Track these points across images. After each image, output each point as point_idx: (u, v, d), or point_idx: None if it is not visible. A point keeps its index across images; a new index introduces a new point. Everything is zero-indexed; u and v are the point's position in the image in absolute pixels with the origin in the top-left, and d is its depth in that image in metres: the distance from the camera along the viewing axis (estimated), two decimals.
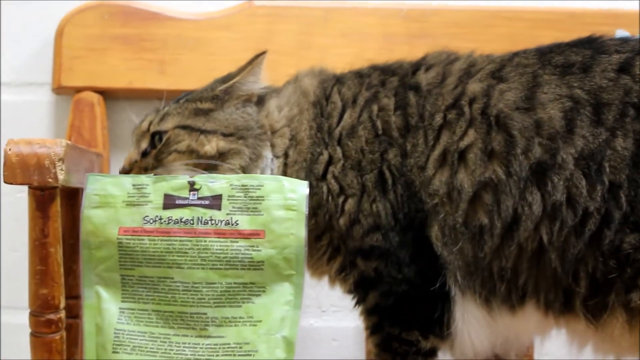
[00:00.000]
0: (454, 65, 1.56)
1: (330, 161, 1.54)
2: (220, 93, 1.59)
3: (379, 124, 1.53)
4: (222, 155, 1.53)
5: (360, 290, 1.55)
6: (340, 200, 1.52)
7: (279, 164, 1.58)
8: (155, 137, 1.55)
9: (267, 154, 1.58)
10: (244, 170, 1.54)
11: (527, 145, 1.42)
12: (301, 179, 1.51)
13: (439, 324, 1.50)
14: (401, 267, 1.49)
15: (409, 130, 1.52)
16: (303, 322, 2.07)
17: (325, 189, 1.53)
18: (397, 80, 1.58)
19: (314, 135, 1.57)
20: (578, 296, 1.43)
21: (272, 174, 1.57)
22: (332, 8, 2.00)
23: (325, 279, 1.64)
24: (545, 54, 1.51)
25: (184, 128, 1.54)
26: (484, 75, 1.51)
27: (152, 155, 1.54)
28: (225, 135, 1.55)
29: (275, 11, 1.99)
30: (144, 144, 1.57)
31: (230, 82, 1.59)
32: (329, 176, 1.53)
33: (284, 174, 1.56)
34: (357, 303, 1.57)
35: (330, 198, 1.52)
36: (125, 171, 1.54)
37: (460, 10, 2.01)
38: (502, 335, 1.56)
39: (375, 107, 1.55)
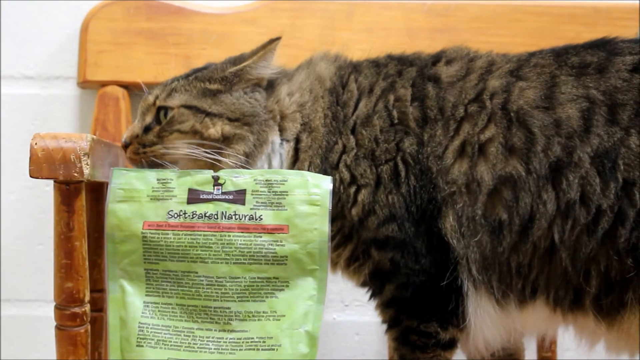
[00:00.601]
0: (475, 62, 1.57)
1: (343, 150, 1.54)
2: (230, 75, 1.58)
3: (394, 113, 1.54)
4: (226, 140, 1.53)
5: (377, 282, 1.55)
6: (352, 189, 1.52)
7: (288, 148, 1.58)
8: (161, 112, 1.56)
9: (275, 138, 1.58)
10: (247, 156, 1.54)
11: (547, 143, 1.43)
12: (316, 165, 1.53)
13: (455, 315, 1.51)
14: (418, 258, 1.50)
15: (426, 122, 1.52)
16: (326, 317, 2.08)
17: (337, 177, 1.53)
18: (415, 71, 1.59)
19: (329, 123, 1.57)
20: (588, 295, 1.44)
21: (280, 158, 1.57)
22: (356, 3, 1.99)
23: (338, 274, 1.63)
24: (561, 55, 1.52)
25: (190, 108, 1.54)
26: (503, 73, 1.53)
27: (155, 132, 1.55)
28: (231, 120, 1.55)
29: (299, 5, 1.99)
30: (149, 118, 1.57)
31: (241, 65, 1.58)
32: (341, 165, 1.53)
33: (296, 158, 1.57)
34: (373, 296, 1.58)
35: (342, 187, 1.52)
36: (125, 145, 1.55)
37: (484, 4, 2.00)
38: (512, 329, 1.57)
39: (391, 97, 1.56)
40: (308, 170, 1.54)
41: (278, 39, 1.59)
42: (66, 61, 2.05)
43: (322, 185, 1.46)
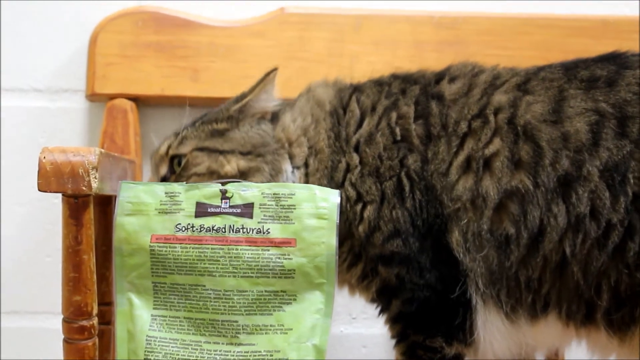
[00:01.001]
0: (479, 77, 1.58)
1: (347, 168, 1.55)
2: (235, 113, 1.61)
3: (397, 130, 1.55)
4: (242, 175, 1.55)
5: (384, 298, 1.56)
6: (359, 207, 1.53)
7: (299, 175, 1.60)
8: (174, 160, 1.58)
9: (287, 167, 1.60)
10: None
11: (555, 156, 1.44)
12: (323, 186, 1.52)
13: (461, 330, 1.51)
14: (423, 273, 1.50)
15: (430, 139, 1.53)
16: (333, 329, 2.07)
17: (344, 195, 1.54)
18: (418, 89, 1.60)
19: (332, 144, 1.59)
20: (600, 309, 1.44)
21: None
22: (364, 15, 2.00)
23: (346, 289, 1.65)
24: (570, 69, 1.52)
25: (202, 150, 1.56)
26: (510, 87, 1.53)
27: (173, 180, 1.57)
28: (243, 153, 1.57)
29: (307, 19, 1.99)
30: (163, 169, 1.60)
31: (244, 101, 1.61)
32: (347, 183, 1.55)
33: (306, 182, 1.58)
34: (381, 312, 1.58)
35: (348, 205, 1.54)
36: None
37: (492, 17, 2.00)
38: (523, 343, 1.56)
39: (394, 115, 1.57)
40: None
41: (275, 70, 1.61)
42: (75, 74, 2.05)
43: (330, 199, 1.45)
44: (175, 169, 1.58)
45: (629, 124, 1.43)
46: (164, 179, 1.59)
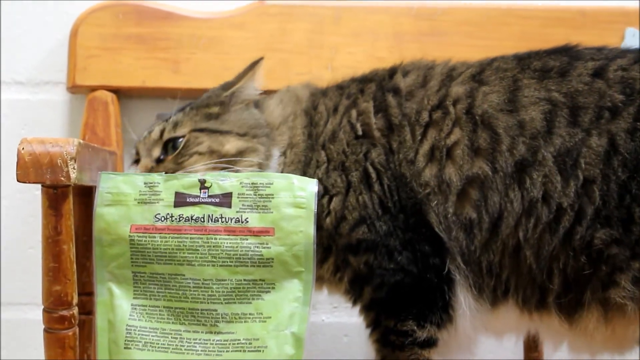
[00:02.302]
0: (434, 69, 1.62)
1: (317, 165, 1.59)
2: (226, 99, 1.65)
3: (358, 126, 1.59)
4: (240, 154, 1.57)
5: (356, 287, 1.58)
6: (325, 200, 1.56)
7: (280, 162, 1.63)
8: (169, 144, 1.59)
9: (275, 151, 1.63)
10: (260, 166, 1.58)
11: (512, 142, 1.48)
12: None
13: (438, 310, 1.53)
14: (392, 256, 1.52)
15: (392, 130, 1.56)
16: (315, 318, 2.09)
17: None
18: (374, 86, 1.64)
19: (306, 140, 1.63)
20: (551, 293, 1.47)
21: (275, 171, 1.61)
22: (344, 7, 2.01)
23: (325, 289, 1.69)
24: (523, 59, 1.57)
25: (202, 130, 1.58)
26: (466, 78, 1.57)
27: (171, 160, 1.57)
28: (240, 134, 1.59)
29: (287, 10, 2.00)
30: (156, 152, 1.60)
31: (235, 88, 1.65)
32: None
33: (283, 172, 1.60)
34: (355, 302, 1.60)
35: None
36: None
37: (472, 8, 2.01)
38: (484, 329, 1.59)
39: (354, 112, 1.61)
40: None
41: (261, 59, 1.66)
42: (56, 66, 2.06)
43: (307, 188, 1.47)
44: (169, 151, 1.59)
45: (581, 113, 1.47)
46: (158, 161, 1.59)
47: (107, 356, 1.46)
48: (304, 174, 1.58)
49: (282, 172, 1.61)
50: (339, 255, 1.57)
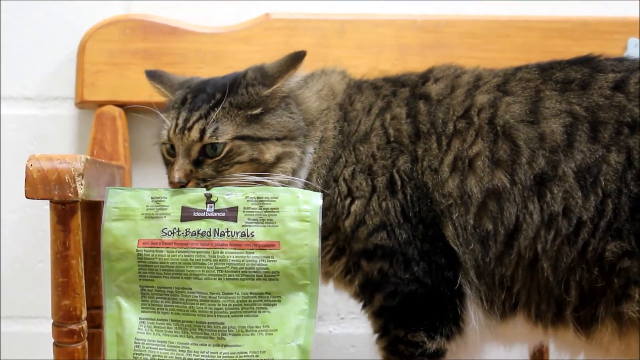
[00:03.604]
0: (461, 78, 1.62)
1: (345, 164, 1.58)
2: (266, 97, 1.57)
3: (391, 131, 1.59)
4: (278, 159, 1.56)
5: (366, 292, 1.58)
6: (347, 202, 1.56)
7: (310, 160, 1.61)
8: (207, 147, 1.53)
9: (310, 148, 1.61)
10: (294, 172, 1.57)
11: (532, 155, 1.48)
12: (321, 175, 1.58)
13: (449, 322, 1.54)
14: (409, 265, 1.53)
15: (419, 136, 1.57)
16: (322, 329, 2.10)
17: (336, 190, 1.57)
18: (407, 91, 1.63)
19: (337, 135, 1.62)
20: (569, 306, 1.48)
21: (306, 168, 1.60)
22: (348, 20, 2.02)
23: (331, 285, 1.67)
24: (546, 70, 1.57)
25: (244, 139, 1.54)
26: (490, 87, 1.57)
27: (211, 166, 1.53)
28: (279, 139, 1.56)
29: (292, 24, 2.02)
30: (195, 153, 1.54)
31: (276, 86, 1.57)
32: (340, 179, 1.58)
33: (312, 169, 1.60)
34: (364, 306, 1.61)
35: (338, 199, 1.57)
36: (182, 185, 1.51)
37: (474, 20, 2.03)
38: (492, 341, 1.61)
39: (388, 116, 1.60)
40: (315, 181, 1.59)
41: (304, 53, 1.59)
42: (64, 82, 2.08)
43: (312, 201, 1.48)
44: (209, 152, 1.53)
45: (601, 129, 1.47)
46: (196, 162, 1.54)
47: None
48: (331, 170, 1.59)
49: (311, 169, 1.60)
50: (352, 258, 1.58)
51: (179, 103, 1.60)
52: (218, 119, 1.54)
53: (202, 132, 1.53)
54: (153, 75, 1.71)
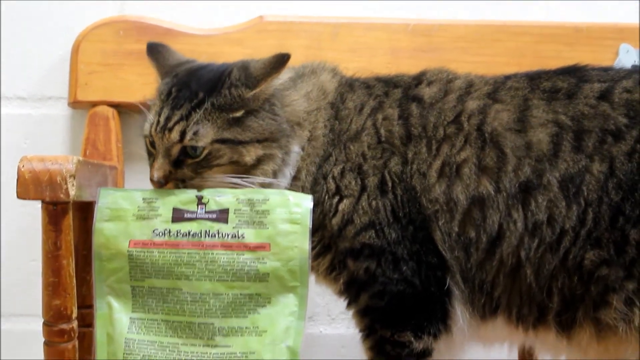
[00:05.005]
0: (454, 83, 1.63)
1: (335, 162, 1.59)
2: (249, 99, 1.56)
3: (382, 131, 1.59)
4: (258, 161, 1.55)
5: (352, 291, 1.59)
6: (335, 200, 1.57)
7: (298, 157, 1.61)
8: (188, 147, 1.53)
9: (295, 147, 1.60)
10: (275, 174, 1.57)
11: (518, 163, 1.49)
12: (311, 173, 1.58)
13: (437, 321, 1.55)
14: (398, 265, 1.54)
15: (410, 139, 1.58)
16: (313, 329, 2.11)
17: (325, 188, 1.58)
18: (400, 92, 1.64)
19: (327, 134, 1.62)
20: (551, 311, 1.49)
21: (292, 166, 1.60)
22: (341, 23, 2.03)
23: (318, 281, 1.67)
24: (534, 79, 1.58)
25: (224, 142, 1.53)
26: (481, 94, 1.58)
27: (190, 167, 1.54)
28: (260, 141, 1.56)
29: (286, 26, 2.03)
30: (175, 153, 1.54)
31: (259, 89, 1.56)
32: (329, 176, 1.58)
33: (300, 167, 1.60)
34: (349, 304, 1.61)
35: (326, 197, 1.57)
36: (161, 184, 1.52)
37: (467, 25, 2.04)
38: (474, 341, 1.62)
39: (379, 116, 1.61)
40: (304, 177, 1.59)
41: (288, 56, 1.57)
42: (57, 82, 2.08)
43: (302, 204, 1.50)
44: (189, 153, 1.53)
45: (585, 137, 1.49)
46: (176, 162, 1.53)
47: None
48: (320, 168, 1.59)
49: (300, 166, 1.60)
50: (338, 256, 1.58)
51: (165, 95, 1.60)
52: (199, 121, 1.53)
53: (183, 134, 1.53)
54: (152, 50, 1.71)
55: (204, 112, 1.54)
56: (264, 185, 1.55)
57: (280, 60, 1.57)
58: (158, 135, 1.55)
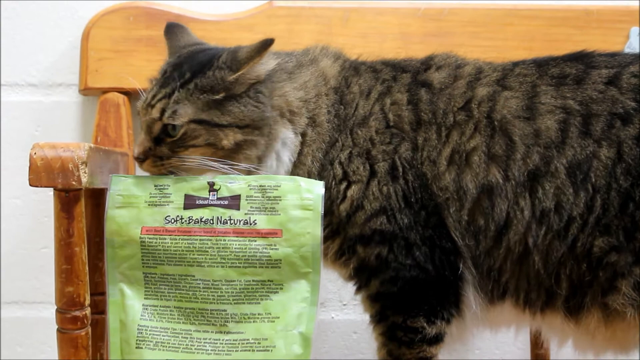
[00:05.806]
0: (463, 69, 1.62)
1: (341, 148, 1.59)
2: (231, 82, 1.55)
3: (390, 116, 1.59)
4: (237, 146, 1.54)
5: (362, 276, 1.58)
6: (343, 186, 1.56)
7: (297, 142, 1.60)
8: (168, 126, 1.53)
9: (288, 133, 1.59)
10: (259, 159, 1.56)
11: (526, 151, 1.50)
12: (318, 159, 1.57)
13: (450, 306, 1.55)
14: (411, 250, 1.54)
15: (420, 125, 1.57)
16: (324, 315, 2.11)
17: (331, 173, 1.57)
18: (409, 77, 1.63)
19: (332, 120, 1.61)
20: (560, 297, 1.50)
21: (290, 152, 1.59)
22: (352, 8, 2.03)
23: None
24: (542, 66, 1.58)
25: (200, 123, 1.53)
26: (490, 81, 1.58)
27: (168, 145, 1.54)
28: (240, 127, 1.55)
29: (296, 12, 2.03)
30: (156, 131, 1.55)
31: (241, 72, 1.55)
32: (336, 162, 1.58)
33: (301, 152, 1.60)
34: (358, 289, 1.61)
35: (333, 183, 1.57)
36: (140, 160, 1.54)
37: (477, 8, 2.03)
38: (482, 326, 1.63)
39: (388, 101, 1.60)
40: (310, 163, 1.58)
41: (271, 41, 1.56)
42: (68, 69, 2.08)
43: (314, 190, 1.50)
44: (170, 132, 1.53)
45: (593, 122, 1.49)
46: (157, 140, 1.54)
47: (119, 356, 1.49)
48: (327, 154, 1.59)
49: (302, 151, 1.59)
50: (347, 242, 1.57)
51: (161, 74, 1.61)
52: (179, 100, 1.54)
53: (162, 111, 1.54)
54: (168, 30, 1.75)
55: (186, 92, 1.55)
56: (250, 172, 1.54)
57: (264, 45, 1.56)
58: (143, 112, 1.58)
